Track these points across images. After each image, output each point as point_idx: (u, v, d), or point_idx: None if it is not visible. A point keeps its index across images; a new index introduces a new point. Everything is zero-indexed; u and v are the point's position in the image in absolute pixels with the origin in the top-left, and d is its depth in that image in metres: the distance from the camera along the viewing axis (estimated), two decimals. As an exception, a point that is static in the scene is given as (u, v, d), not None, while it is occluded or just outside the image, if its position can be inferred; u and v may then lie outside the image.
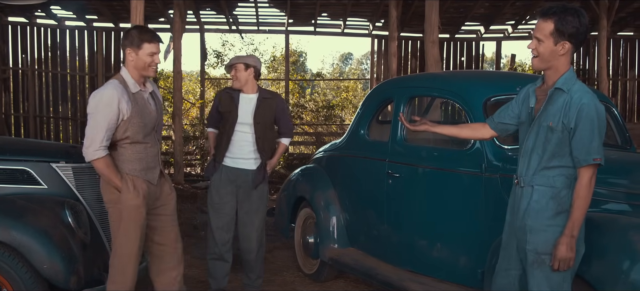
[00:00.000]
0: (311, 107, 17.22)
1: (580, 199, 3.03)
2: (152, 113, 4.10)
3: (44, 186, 4.31)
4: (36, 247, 3.82)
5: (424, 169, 4.70)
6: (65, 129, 14.89)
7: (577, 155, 3.05)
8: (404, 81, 5.99)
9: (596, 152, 3.02)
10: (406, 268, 4.79)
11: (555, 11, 3.12)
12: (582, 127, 3.02)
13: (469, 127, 3.89)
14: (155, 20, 14.61)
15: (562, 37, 3.11)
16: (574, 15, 3.10)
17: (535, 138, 3.21)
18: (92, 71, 14.74)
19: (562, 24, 3.10)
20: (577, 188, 3.05)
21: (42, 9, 13.71)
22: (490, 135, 3.72)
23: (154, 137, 4.15)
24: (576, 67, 15.67)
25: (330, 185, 5.77)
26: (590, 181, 3.04)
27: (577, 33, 3.11)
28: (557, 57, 3.15)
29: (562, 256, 3.02)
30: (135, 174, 4.00)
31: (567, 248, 3.01)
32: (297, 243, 6.21)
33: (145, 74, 4.06)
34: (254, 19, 15.23)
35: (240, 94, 5.03)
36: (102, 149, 3.85)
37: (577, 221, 3.03)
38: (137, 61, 3.99)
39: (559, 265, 3.03)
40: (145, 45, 3.97)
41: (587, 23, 3.13)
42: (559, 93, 3.14)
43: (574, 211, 3.03)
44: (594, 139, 3.02)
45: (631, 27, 15.41)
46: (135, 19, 8.67)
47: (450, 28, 15.37)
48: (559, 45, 3.13)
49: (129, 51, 3.99)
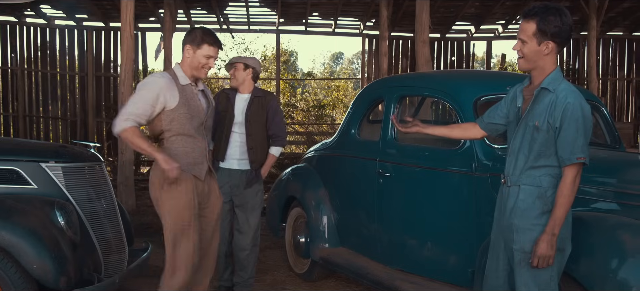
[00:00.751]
0: (302, 106, 17.24)
1: (563, 198, 3.04)
2: (200, 107, 4.08)
3: (34, 186, 4.29)
4: (25, 247, 3.79)
5: (415, 169, 4.70)
6: (55, 128, 14.82)
7: (562, 154, 3.07)
8: (394, 81, 5.99)
9: (580, 151, 3.03)
10: (397, 268, 4.80)
11: (536, 12, 3.14)
12: (566, 127, 3.04)
13: (460, 127, 3.91)
14: (145, 19, 14.58)
15: (545, 37, 3.13)
16: (555, 15, 3.11)
17: (521, 138, 3.22)
18: (82, 70, 14.68)
19: (544, 24, 3.11)
20: (560, 187, 3.06)
21: (31, 8, 13.66)
22: (480, 135, 3.74)
23: (203, 133, 4.13)
24: (566, 67, 15.76)
25: (321, 184, 5.78)
26: (574, 180, 3.05)
27: (560, 32, 3.12)
28: (541, 57, 3.17)
29: (541, 253, 3.03)
30: (182, 169, 3.93)
31: (548, 245, 3.03)
32: (287, 243, 6.21)
33: (196, 75, 4.06)
34: (244, 18, 15.21)
35: (236, 94, 5.07)
36: (130, 120, 3.82)
37: (558, 219, 3.04)
38: (193, 59, 4.01)
39: (538, 261, 3.05)
40: (204, 47, 4.00)
41: (570, 22, 3.15)
42: (545, 93, 3.15)
43: (556, 209, 3.04)
44: (578, 139, 3.04)
45: (620, 27, 15.50)
46: (125, 19, 8.66)
47: (440, 28, 15.41)
48: (543, 45, 3.14)
49: (187, 48, 4.02)
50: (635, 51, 15.83)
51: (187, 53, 4.02)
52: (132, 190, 8.97)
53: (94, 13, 14.07)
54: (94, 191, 4.56)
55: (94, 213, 4.46)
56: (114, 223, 4.63)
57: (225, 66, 5.25)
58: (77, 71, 14.73)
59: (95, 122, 14.63)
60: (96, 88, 14.62)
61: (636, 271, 3.06)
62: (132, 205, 8.81)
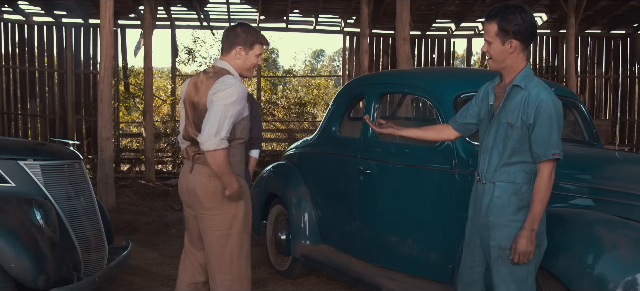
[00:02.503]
0: (283, 104, 17.20)
1: (541, 193, 3.07)
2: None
3: (12, 184, 4.25)
4: (3, 246, 3.76)
5: (395, 166, 4.72)
6: (34, 126, 14.67)
7: (536, 150, 3.10)
8: (375, 78, 6.01)
9: (555, 147, 3.07)
10: (378, 264, 4.81)
11: (497, 12, 3.18)
12: (540, 123, 3.07)
13: (434, 129, 3.91)
14: (125, 16, 14.47)
15: (508, 36, 3.16)
16: (515, 13, 3.14)
17: (495, 135, 3.25)
18: (61, 67, 14.54)
19: (505, 23, 3.15)
20: (537, 183, 3.10)
21: (9, 4, 13.50)
22: (454, 136, 3.77)
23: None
24: (545, 65, 15.89)
25: (302, 182, 5.78)
26: (550, 176, 3.09)
27: (521, 30, 3.15)
28: (508, 56, 3.20)
29: (521, 250, 3.06)
30: (240, 174, 3.84)
31: (528, 241, 3.06)
32: (268, 240, 6.21)
33: (245, 75, 3.93)
34: (225, 15, 15.16)
35: None
36: (226, 140, 3.60)
37: (537, 215, 3.07)
38: (246, 60, 3.85)
39: (519, 257, 3.08)
40: (256, 47, 3.87)
41: (531, 19, 3.17)
42: (517, 90, 3.18)
43: (534, 205, 3.08)
44: (552, 134, 3.07)
45: (599, 25, 15.64)
46: (105, 15, 8.60)
47: (421, 25, 15.47)
48: (507, 44, 3.18)
49: (238, 49, 3.82)
50: (613, 49, 16.00)
51: (238, 55, 3.83)
52: (112, 188, 8.90)
53: (73, 9, 13.94)
54: (73, 189, 4.53)
55: (73, 211, 4.44)
56: (93, 221, 4.60)
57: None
58: (56, 68, 14.58)
59: (75, 120, 14.49)
60: (75, 85, 14.49)
61: (613, 266, 3.09)
62: (112, 203, 8.75)
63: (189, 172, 3.83)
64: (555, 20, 15.33)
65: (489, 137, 3.28)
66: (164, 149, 14.70)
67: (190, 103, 3.84)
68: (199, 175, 3.77)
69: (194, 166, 3.80)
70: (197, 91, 3.78)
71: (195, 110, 3.78)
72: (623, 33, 15.92)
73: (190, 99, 3.83)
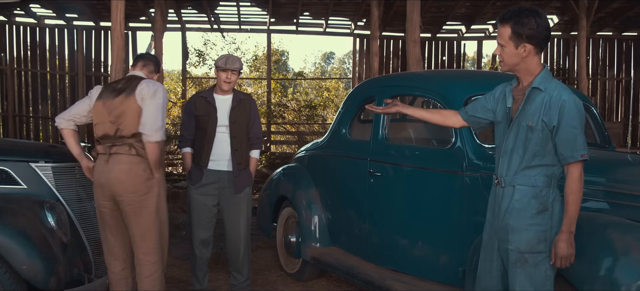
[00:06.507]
0: (293, 106, 17.21)
1: (574, 195, 3.04)
2: None
3: (23, 186, 4.27)
4: (15, 248, 3.77)
5: (405, 168, 4.71)
6: (45, 128, 14.75)
7: (563, 152, 3.07)
8: (385, 80, 5.99)
9: (582, 148, 3.04)
10: (388, 267, 4.80)
11: (511, 15, 3.14)
12: (565, 125, 3.04)
13: (440, 113, 3.86)
14: (136, 19, 14.53)
15: (521, 40, 3.12)
16: (529, 17, 3.11)
17: (515, 138, 3.22)
18: (72, 70, 14.62)
19: (519, 27, 3.11)
20: (568, 185, 3.07)
21: (21, 7, 13.57)
22: (460, 124, 3.72)
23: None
24: (556, 67, 15.82)
25: (312, 184, 5.78)
26: (580, 177, 3.06)
27: (535, 34, 3.11)
28: (522, 60, 3.17)
29: (563, 254, 3.03)
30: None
31: (567, 244, 3.03)
32: (279, 242, 6.21)
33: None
34: (235, 18, 15.19)
35: (214, 96, 5.02)
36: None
37: (573, 217, 3.05)
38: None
39: (561, 262, 3.05)
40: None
41: (545, 23, 3.14)
42: (537, 92, 3.15)
43: (569, 208, 3.05)
44: (579, 136, 3.04)
45: (610, 27, 15.57)
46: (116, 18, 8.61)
47: (431, 27, 15.44)
48: (521, 48, 3.14)
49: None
50: (625, 51, 15.92)
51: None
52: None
53: (84, 12, 14.01)
54: (84, 191, 4.54)
55: (84, 212, 4.45)
56: (104, 223, 4.61)
57: (220, 68, 5.03)
58: (67, 70, 14.67)
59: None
60: (86, 88, 14.54)
61: (625, 270, 3.06)
62: (123, 205, 8.75)
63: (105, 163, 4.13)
64: (566, 22, 15.26)
65: (508, 141, 3.25)
66: (174, 151, 14.73)
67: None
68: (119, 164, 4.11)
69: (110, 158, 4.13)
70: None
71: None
72: (634, 35, 15.84)
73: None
